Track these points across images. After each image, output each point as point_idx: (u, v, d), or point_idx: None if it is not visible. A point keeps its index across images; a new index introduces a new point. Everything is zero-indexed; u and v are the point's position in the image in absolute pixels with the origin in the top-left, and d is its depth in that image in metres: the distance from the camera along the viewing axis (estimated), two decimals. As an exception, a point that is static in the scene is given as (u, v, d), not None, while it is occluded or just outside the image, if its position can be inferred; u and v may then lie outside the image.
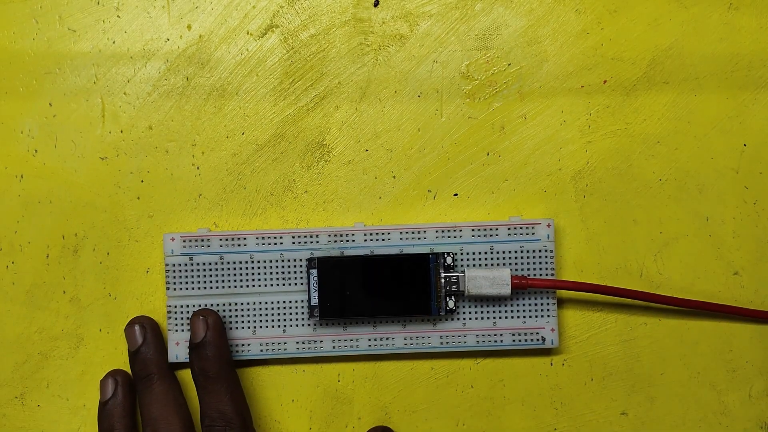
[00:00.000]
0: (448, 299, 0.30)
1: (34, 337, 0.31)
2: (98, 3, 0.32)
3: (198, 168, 0.32)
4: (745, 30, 0.32)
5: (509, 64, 0.32)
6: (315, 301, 0.29)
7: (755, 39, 0.32)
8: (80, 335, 0.31)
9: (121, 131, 0.31)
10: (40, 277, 0.31)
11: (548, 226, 0.30)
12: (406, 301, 0.30)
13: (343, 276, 0.29)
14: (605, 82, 0.32)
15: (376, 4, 0.32)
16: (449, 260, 0.30)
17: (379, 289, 0.30)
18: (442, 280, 0.29)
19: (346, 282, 0.29)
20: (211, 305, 0.30)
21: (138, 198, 0.31)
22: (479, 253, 0.30)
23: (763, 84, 0.32)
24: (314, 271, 0.30)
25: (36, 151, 0.31)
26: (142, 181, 0.31)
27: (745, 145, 0.32)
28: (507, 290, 0.29)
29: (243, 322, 0.30)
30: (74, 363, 0.31)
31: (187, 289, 0.30)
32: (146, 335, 0.30)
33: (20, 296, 0.31)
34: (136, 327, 0.30)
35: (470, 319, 0.30)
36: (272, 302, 0.30)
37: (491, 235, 0.30)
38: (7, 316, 0.31)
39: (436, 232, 0.30)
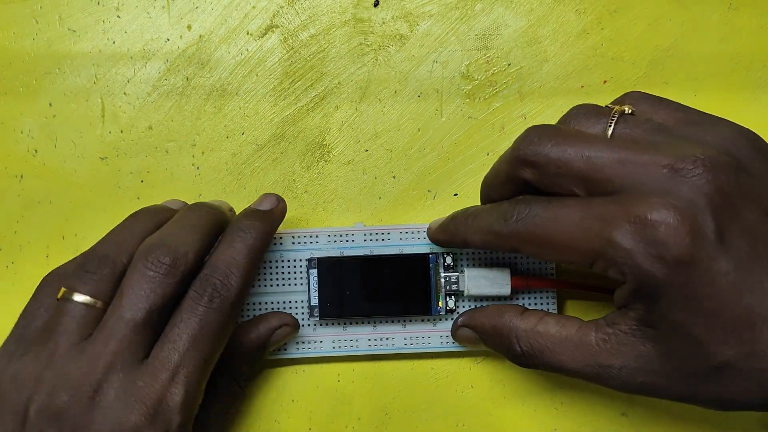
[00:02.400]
0: (448, 299, 0.30)
1: (34, 337, 0.31)
2: (98, 3, 0.32)
3: (198, 168, 0.32)
4: (745, 30, 0.32)
5: (509, 64, 0.32)
6: (315, 301, 0.29)
7: (755, 39, 0.32)
8: (80, 335, 0.31)
9: (121, 131, 0.31)
10: (40, 277, 0.31)
11: (548, 226, 0.30)
12: (406, 301, 0.29)
13: (343, 276, 0.29)
14: (605, 82, 0.32)
15: (376, 4, 0.32)
16: (449, 260, 0.29)
17: (379, 289, 0.30)
18: (442, 280, 0.29)
19: (346, 282, 0.29)
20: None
21: (138, 198, 0.31)
22: (479, 252, 0.30)
23: (763, 84, 0.32)
24: (314, 271, 0.29)
25: (36, 151, 0.31)
26: (142, 181, 0.31)
27: (745, 145, 0.32)
28: (507, 290, 0.29)
29: (243, 322, 0.30)
30: (74, 363, 0.31)
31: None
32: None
33: (20, 296, 0.31)
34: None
35: (470, 319, 0.30)
36: (272, 302, 0.30)
37: (491, 235, 0.30)
38: (7, 316, 0.31)
39: (427, 230, 0.30)
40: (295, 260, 0.30)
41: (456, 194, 0.32)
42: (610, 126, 0.23)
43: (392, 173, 0.32)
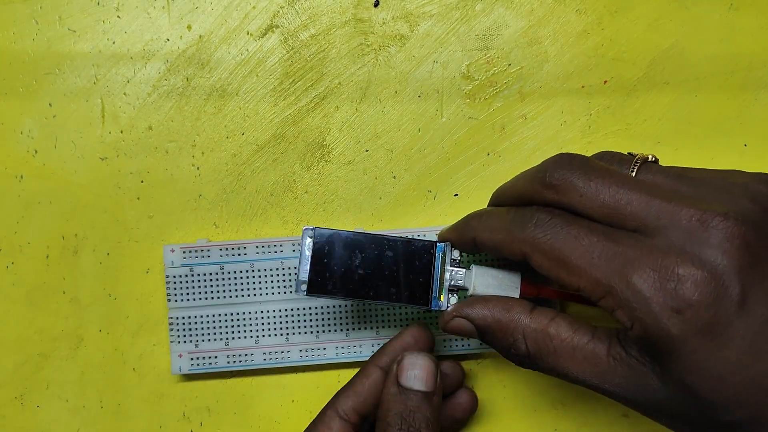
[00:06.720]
0: (450, 295, 0.26)
1: (34, 337, 0.31)
2: (98, 3, 0.32)
3: (198, 168, 0.31)
4: (746, 30, 0.32)
5: (510, 65, 0.32)
6: (305, 275, 0.26)
7: (755, 39, 0.32)
8: (80, 336, 0.31)
9: (121, 131, 0.31)
10: (40, 278, 0.31)
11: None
12: (405, 288, 0.26)
13: (342, 252, 0.26)
14: (606, 82, 0.32)
15: (376, 5, 0.32)
16: (456, 254, 0.27)
17: (378, 271, 0.26)
18: (447, 274, 0.26)
19: (344, 258, 0.26)
20: (213, 315, 0.30)
21: (138, 198, 0.31)
22: (480, 254, 0.30)
23: (763, 84, 0.32)
24: (309, 241, 0.26)
25: (36, 151, 0.31)
26: (142, 182, 0.31)
27: (745, 145, 0.32)
28: (515, 295, 0.26)
29: (245, 331, 0.30)
30: (74, 364, 0.31)
31: (188, 300, 0.30)
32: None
33: (20, 297, 0.31)
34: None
35: (471, 319, 0.30)
36: (274, 310, 0.30)
37: (492, 236, 0.30)
38: (7, 317, 0.31)
39: (437, 234, 0.30)
40: (295, 268, 0.30)
41: (456, 194, 0.32)
42: (632, 171, 0.23)
43: (393, 173, 0.32)
